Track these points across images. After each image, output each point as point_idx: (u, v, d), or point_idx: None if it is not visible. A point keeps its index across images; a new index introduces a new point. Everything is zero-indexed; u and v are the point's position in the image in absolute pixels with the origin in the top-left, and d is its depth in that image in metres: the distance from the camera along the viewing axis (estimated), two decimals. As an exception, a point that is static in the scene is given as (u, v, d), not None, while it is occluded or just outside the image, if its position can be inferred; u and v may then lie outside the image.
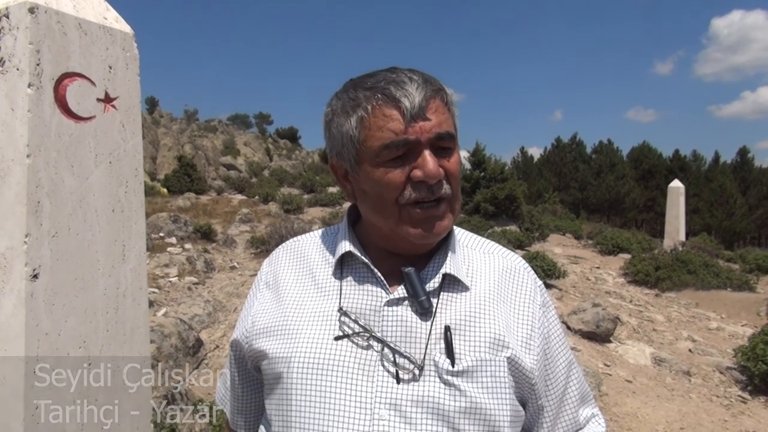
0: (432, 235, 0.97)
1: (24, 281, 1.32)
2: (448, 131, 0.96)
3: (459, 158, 1.00)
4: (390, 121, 0.93)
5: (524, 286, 1.09)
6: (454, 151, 0.98)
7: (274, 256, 1.19)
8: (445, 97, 0.99)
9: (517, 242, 13.26)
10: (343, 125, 0.98)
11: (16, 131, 1.33)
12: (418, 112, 0.92)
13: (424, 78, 0.96)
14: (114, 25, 1.52)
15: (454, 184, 0.98)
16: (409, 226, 0.96)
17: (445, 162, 0.96)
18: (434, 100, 0.95)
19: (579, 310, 7.13)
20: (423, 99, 0.93)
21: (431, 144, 0.94)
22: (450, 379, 0.94)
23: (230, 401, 1.23)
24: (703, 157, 46.29)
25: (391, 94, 0.93)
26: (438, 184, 0.95)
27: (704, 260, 12.25)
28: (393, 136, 0.93)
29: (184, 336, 4.89)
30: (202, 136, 48.02)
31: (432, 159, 0.93)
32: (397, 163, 0.94)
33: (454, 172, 0.97)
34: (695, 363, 6.55)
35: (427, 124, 0.93)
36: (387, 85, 0.94)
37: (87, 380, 1.47)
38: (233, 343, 1.15)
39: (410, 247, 1.02)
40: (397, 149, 0.93)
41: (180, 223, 11.94)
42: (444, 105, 0.98)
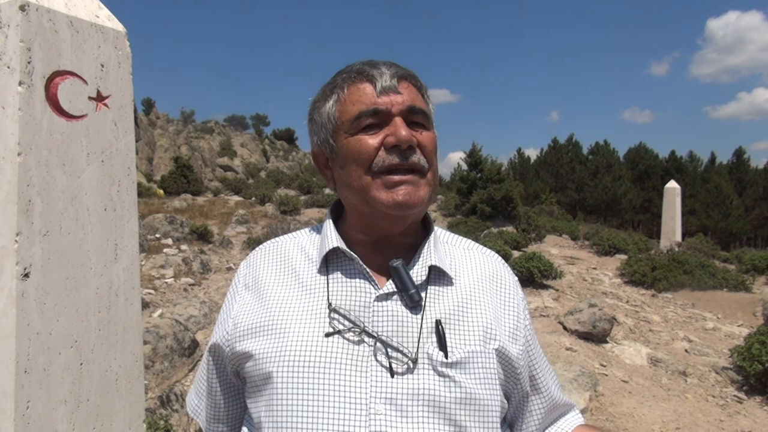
0: (406, 203, 0.97)
1: (15, 280, 1.31)
2: (421, 107, 1.00)
3: (434, 137, 1.03)
4: (363, 94, 0.99)
5: (506, 280, 1.12)
6: (428, 129, 1.02)
7: (252, 258, 1.17)
8: (419, 85, 1.04)
9: (514, 243, 13.27)
10: (322, 108, 1.04)
11: (7, 129, 1.32)
12: (389, 85, 0.98)
13: (398, 65, 1.03)
14: (106, 23, 1.51)
15: (428, 157, 1.00)
16: (382, 194, 0.97)
17: (418, 134, 0.99)
18: (406, 81, 1.01)
19: (575, 310, 7.14)
20: (394, 75, 0.99)
21: (405, 115, 0.99)
22: (444, 371, 0.95)
23: (206, 410, 1.20)
24: (699, 158, 46.49)
25: (365, 71, 1.00)
26: (410, 150, 0.97)
27: (700, 261, 12.27)
28: (365, 106, 0.98)
29: (179, 337, 4.88)
30: (198, 138, 47.97)
31: (404, 125, 0.97)
32: (370, 131, 0.99)
33: (428, 144, 1.00)
34: (691, 363, 6.55)
35: (399, 97, 0.99)
36: (362, 66, 1.02)
37: (79, 380, 1.46)
38: (212, 348, 1.12)
39: (387, 224, 1.03)
40: (368, 117, 0.98)
41: (176, 224, 11.92)
42: (417, 90, 1.03)
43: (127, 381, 1.59)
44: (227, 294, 1.17)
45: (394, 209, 0.98)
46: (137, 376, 1.62)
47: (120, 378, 1.57)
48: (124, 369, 1.58)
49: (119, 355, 1.56)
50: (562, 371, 5.17)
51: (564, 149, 45.98)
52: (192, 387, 1.24)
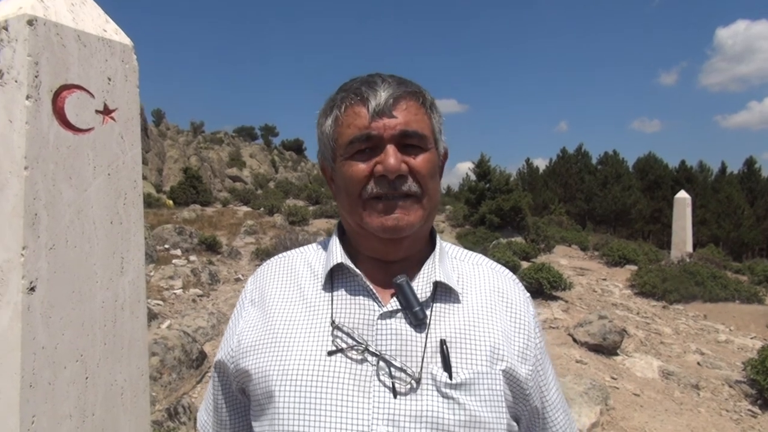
0: (395, 227, 0.97)
1: (21, 294, 1.31)
2: (416, 130, 0.98)
3: (431, 158, 1.01)
4: (357, 117, 0.98)
5: (516, 297, 1.09)
6: (425, 151, 1.00)
7: (259, 273, 1.16)
8: (423, 101, 1.02)
9: (523, 254, 13.20)
10: (323, 125, 1.04)
11: (14, 143, 1.32)
12: (382, 109, 0.96)
13: (399, 81, 1.01)
14: (113, 37, 1.52)
15: (422, 182, 0.99)
16: (371, 218, 0.98)
17: (410, 159, 0.98)
18: (406, 100, 0.99)
19: (585, 322, 7.07)
20: (390, 97, 0.97)
21: (396, 141, 0.97)
22: (448, 392, 0.92)
23: (212, 426, 1.18)
24: (709, 168, 46.18)
25: (361, 93, 0.98)
26: (400, 180, 0.97)
27: (712, 272, 12.14)
28: (357, 131, 0.97)
29: (187, 348, 4.87)
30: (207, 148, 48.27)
31: (395, 154, 0.96)
32: (362, 158, 0.98)
33: (420, 169, 0.99)
34: (704, 376, 6.47)
35: (392, 121, 0.97)
36: (360, 86, 1.00)
37: (84, 394, 1.45)
38: (217, 365, 1.11)
39: (380, 246, 1.03)
40: (360, 143, 0.97)
41: (185, 234, 11.96)
42: (419, 107, 1.01)
43: (132, 395, 1.58)
44: (234, 309, 1.16)
45: (384, 233, 0.98)
46: (143, 390, 1.61)
47: (125, 392, 1.56)
48: (129, 383, 1.57)
49: (125, 369, 1.56)
50: (572, 384, 5.11)
51: (573, 159, 45.84)
52: (203, 402, 1.23)
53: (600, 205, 40.32)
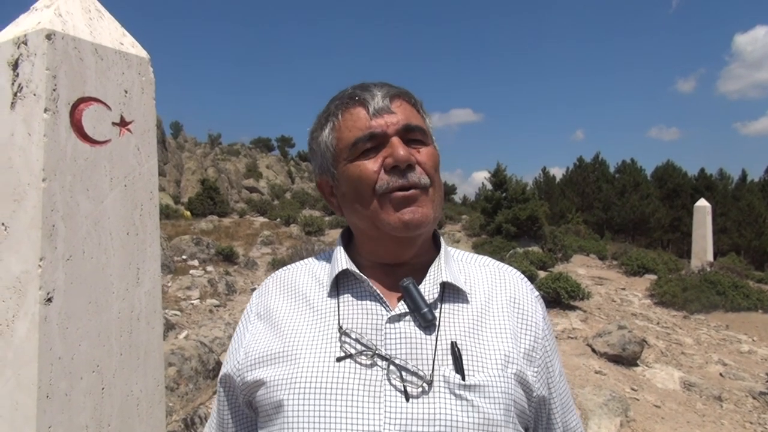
0: (412, 222, 0.97)
1: (38, 305, 1.32)
2: (417, 124, 1.00)
3: (434, 152, 1.02)
4: (357, 119, 0.99)
5: (525, 296, 1.08)
6: (427, 145, 1.02)
7: (264, 287, 1.16)
8: (414, 101, 1.04)
9: (540, 263, 13.09)
10: (320, 137, 1.05)
11: (33, 155, 1.34)
12: (382, 107, 0.98)
13: (390, 84, 1.04)
14: (130, 50, 1.54)
15: (429, 173, 0.99)
16: (389, 214, 0.98)
17: (416, 152, 0.99)
18: (400, 99, 1.02)
19: (604, 332, 6.98)
20: (386, 95, 0.99)
21: (400, 135, 0.98)
22: (462, 393, 0.91)
23: None
24: (729, 176, 45.53)
25: (356, 95, 1.01)
26: (410, 169, 0.97)
27: (733, 281, 11.94)
28: (360, 132, 0.98)
29: (204, 359, 4.89)
30: (225, 160, 48.67)
31: (401, 144, 0.97)
32: (369, 155, 0.99)
33: (427, 161, 1.00)
34: (726, 388, 6.34)
35: (393, 117, 0.98)
36: (353, 91, 1.02)
37: (100, 405, 1.46)
38: (223, 379, 1.09)
39: (394, 247, 1.02)
40: (365, 142, 0.98)
41: (202, 245, 12.05)
42: (412, 107, 1.03)
43: (148, 406, 1.58)
44: (239, 324, 1.15)
45: (402, 230, 0.98)
46: (158, 400, 1.62)
47: (141, 403, 1.56)
48: (145, 394, 1.57)
49: (140, 380, 1.56)
50: (591, 395, 5.04)
51: (590, 168, 45.49)
52: (208, 421, 1.21)
53: (618, 214, 39.93)
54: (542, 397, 1.02)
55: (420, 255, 1.07)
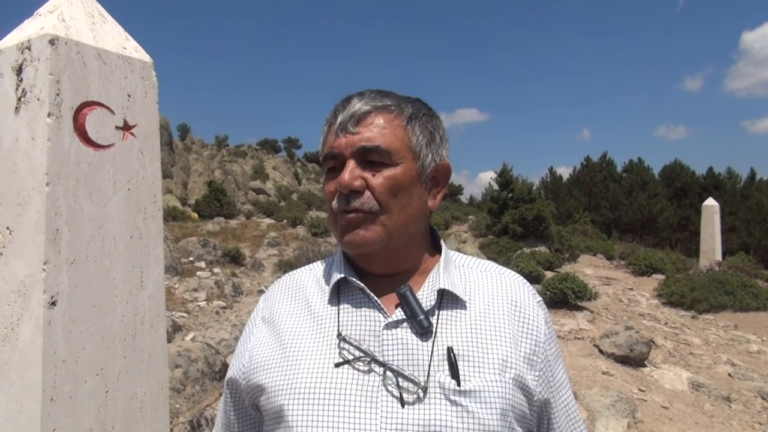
0: (351, 244, 1.00)
1: (42, 308, 1.33)
2: (377, 145, 0.98)
3: (397, 174, 0.99)
4: (330, 135, 1.02)
5: (526, 302, 1.07)
6: (390, 167, 0.99)
7: (270, 291, 1.18)
8: (399, 114, 1.01)
9: (547, 263, 13.04)
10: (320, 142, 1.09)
11: (36, 160, 1.35)
12: (345, 126, 0.99)
13: (376, 96, 1.02)
14: (133, 54, 1.55)
15: (380, 199, 0.98)
16: (337, 231, 1.02)
17: (369, 176, 0.98)
18: (375, 115, 1.00)
19: (611, 333, 6.95)
20: (356, 113, 0.99)
21: (357, 157, 0.99)
22: (457, 399, 0.91)
23: None
24: (738, 174, 45.20)
25: (336, 110, 1.03)
26: (353, 195, 0.98)
27: (742, 280, 11.85)
28: (328, 150, 1.02)
29: (210, 361, 4.90)
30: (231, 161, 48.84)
31: (350, 169, 0.98)
32: (332, 175, 1.02)
33: (377, 186, 0.98)
34: (735, 388, 6.30)
35: (353, 137, 0.98)
36: (338, 103, 1.03)
37: (104, 408, 1.46)
38: (229, 382, 1.11)
39: (362, 262, 1.06)
40: (329, 161, 1.02)
41: (209, 247, 12.08)
42: (392, 121, 1.00)
43: (152, 409, 1.59)
44: (246, 327, 1.17)
45: (345, 248, 1.03)
46: (162, 403, 1.62)
47: (145, 406, 1.57)
48: (149, 397, 1.58)
49: (144, 383, 1.57)
50: (598, 396, 5.02)
51: (597, 167, 45.29)
52: (214, 425, 1.23)
53: (626, 214, 39.74)
54: (544, 400, 1.02)
55: (410, 265, 1.07)
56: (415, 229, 1.04)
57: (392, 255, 1.04)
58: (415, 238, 1.06)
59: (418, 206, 1.03)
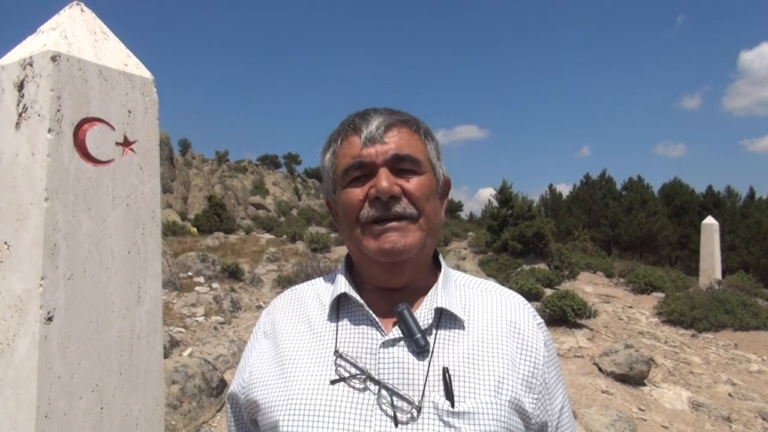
0: (392, 251, 0.98)
1: (38, 324, 1.33)
2: (408, 154, 1.01)
3: (426, 181, 1.03)
4: (352, 147, 1.02)
5: (526, 324, 1.06)
6: (419, 175, 1.02)
7: (272, 306, 1.19)
8: (417, 128, 1.06)
9: (546, 281, 13.01)
10: (324, 160, 1.09)
11: (36, 175, 1.35)
12: (374, 136, 1.00)
13: (392, 111, 1.06)
14: (134, 71, 1.56)
15: (418, 204, 1.00)
16: (369, 241, 1.00)
17: (404, 182, 1.00)
18: (398, 128, 1.03)
19: (611, 351, 6.92)
20: (381, 125, 1.01)
21: (389, 165, 1.00)
22: (450, 421, 0.91)
23: None
24: (737, 193, 45.24)
25: (354, 123, 1.04)
26: (393, 201, 0.98)
27: (742, 299, 11.81)
28: (351, 160, 1.02)
29: (207, 377, 4.87)
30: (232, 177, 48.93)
31: (387, 176, 0.99)
32: (357, 183, 1.02)
33: (415, 191, 1.00)
34: (736, 408, 6.25)
35: (384, 146, 1.00)
36: (354, 118, 1.05)
37: (99, 425, 1.45)
38: (230, 397, 1.12)
39: (380, 272, 1.04)
40: (354, 170, 1.01)
41: (208, 262, 12.05)
42: (412, 134, 1.04)
43: (147, 425, 1.58)
44: (248, 342, 1.18)
45: (382, 256, 0.99)
46: (158, 420, 1.61)
47: (140, 423, 1.56)
48: (144, 413, 1.57)
49: (140, 399, 1.56)
50: (597, 415, 4.98)
51: (597, 185, 45.36)
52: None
53: (625, 231, 39.73)
54: (542, 424, 1.01)
55: (418, 278, 1.07)
56: (436, 239, 1.06)
57: (420, 263, 1.05)
58: (432, 249, 1.08)
59: (440, 215, 1.07)
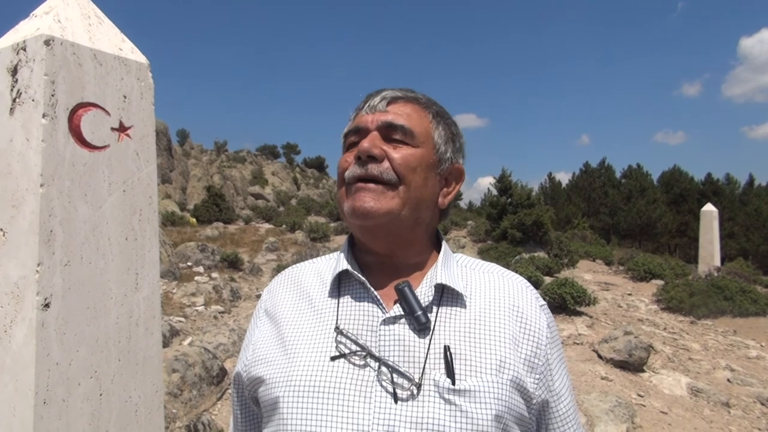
0: (360, 210, 0.98)
1: (35, 310, 1.32)
2: (402, 124, 1.02)
3: (418, 153, 1.02)
4: (357, 117, 1.06)
5: (528, 304, 1.05)
6: (412, 147, 1.02)
7: (273, 284, 1.19)
8: (426, 108, 1.07)
9: (546, 269, 13.03)
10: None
11: (31, 161, 1.34)
12: (375, 106, 1.03)
13: (409, 90, 1.07)
14: (129, 55, 1.54)
15: (399, 171, 0.99)
16: (346, 202, 1.02)
17: (390, 148, 1.00)
18: (403, 102, 1.04)
19: (610, 338, 6.94)
20: (386, 98, 1.03)
21: (381, 132, 1.01)
22: (451, 398, 0.90)
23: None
24: (737, 180, 45.25)
25: (368, 98, 1.07)
26: (371, 160, 0.99)
27: (741, 286, 11.84)
28: (353, 125, 1.06)
29: (208, 365, 4.88)
30: (230, 167, 48.86)
31: (372, 138, 1.00)
32: (352, 149, 1.04)
33: (398, 158, 1.00)
34: (734, 393, 6.28)
35: (380, 115, 1.02)
36: (369, 94, 1.08)
37: (98, 411, 1.45)
38: (235, 377, 1.12)
39: (364, 237, 1.05)
40: (351, 135, 1.04)
41: (207, 252, 12.06)
42: (420, 110, 1.05)
43: (147, 412, 1.58)
44: (250, 321, 1.18)
45: (351, 216, 1.00)
46: (157, 406, 1.61)
47: (140, 409, 1.55)
48: (144, 400, 1.56)
49: (139, 386, 1.55)
50: (597, 401, 5.00)
51: (596, 173, 45.35)
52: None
53: (624, 220, 39.76)
54: (543, 404, 1.01)
55: (412, 255, 1.07)
56: (425, 215, 1.04)
57: (397, 233, 1.03)
58: (422, 225, 1.06)
59: (431, 192, 1.05)
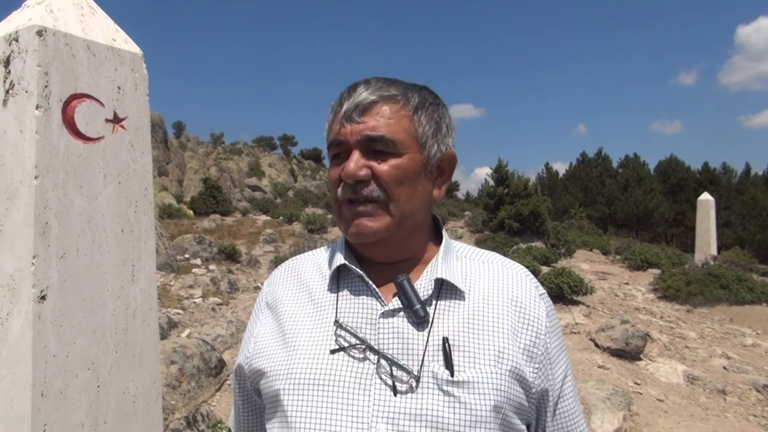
0: (357, 234, 1.00)
1: (32, 303, 1.32)
2: (382, 135, 0.97)
3: (402, 163, 0.99)
4: (335, 122, 1.01)
5: (527, 294, 1.05)
6: (393, 156, 0.98)
7: (273, 276, 1.19)
8: (405, 104, 1.00)
9: (543, 258, 13.06)
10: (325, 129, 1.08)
11: (25, 153, 1.33)
12: (351, 115, 0.98)
13: (382, 85, 1.01)
14: (123, 46, 1.53)
15: (386, 188, 0.98)
16: (342, 221, 1.02)
17: (375, 165, 0.98)
18: (380, 104, 0.98)
19: (607, 327, 6.97)
20: (361, 103, 0.98)
21: (362, 146, 0.98)
22: (450, 390, 0.91)
23: (235, 429, 1.21)
24: (733, 170, 45.36)
25: (342, 97, 1.01)
26: (360, 184, 0.98)
27: (737, 274, 11.88)
28: (332, 137, 1.01)
29: (206, 357, 4.88)
30: (227, 159, 48.78)
31: (355, 159, 0.97)
32: (336, 162, 1.02)
33: (383, 175, 0.97)
34: (730, 381, 6.32)
35: (358, 126, 0.97)
36: (344, 91, 1.02)
37: (96, 403, 1.45)
38: (237, 369, 1.13)
39: (366, 251, 1.06)
40: (334, 148, 1.01)
41: (205, 244, 12.05)
42: (398, 110, 0.99)
43: (144, 403, 1.58)
44: (252, 314, 1.18)
45: (351, 237, 1.02)
46: (155, 398, 1.61)
47: (137, 400, 1.56)
48: (141, 391, 1.57)
49: (137, 377, 1.55)
50: (594, 390, 5.03)
51: (593, 163, 45.40)
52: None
53: (621, 209, 39.86)
54: (543, 393, 1.01)
55: (415, 253, 1.07)
56: (420, 219, 1.04)
57: (395, 244, 1.04)
58: (419, 227, 1.06)
59: (423, 196, 1.03)
